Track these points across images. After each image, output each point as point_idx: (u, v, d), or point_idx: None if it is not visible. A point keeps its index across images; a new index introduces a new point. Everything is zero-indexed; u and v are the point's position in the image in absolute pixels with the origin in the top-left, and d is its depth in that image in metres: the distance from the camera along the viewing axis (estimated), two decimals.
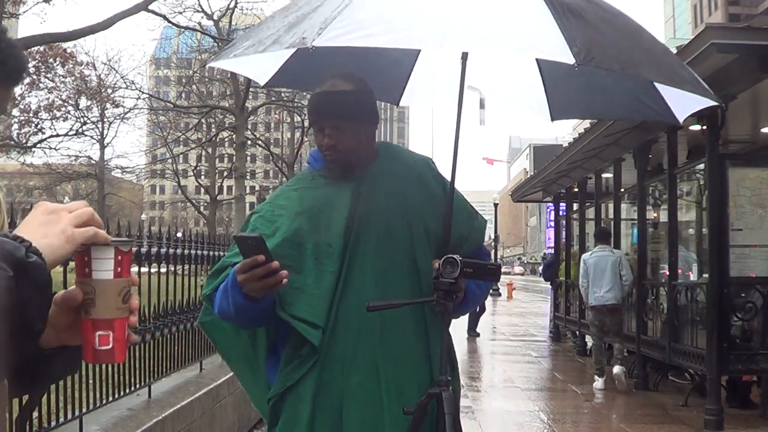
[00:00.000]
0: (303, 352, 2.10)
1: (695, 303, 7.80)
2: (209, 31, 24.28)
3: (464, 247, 2.22)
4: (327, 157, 2.19)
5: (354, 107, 2.17)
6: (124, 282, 1.11)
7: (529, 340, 15.19)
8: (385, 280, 2.13)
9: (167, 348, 5.17)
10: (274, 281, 1.93)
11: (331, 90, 2.16)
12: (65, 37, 16.61)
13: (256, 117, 35.38)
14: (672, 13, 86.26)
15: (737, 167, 7.62)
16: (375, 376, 2.10)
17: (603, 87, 2.62)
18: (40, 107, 26.93)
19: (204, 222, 42.39)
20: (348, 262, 2.12)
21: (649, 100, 2.51)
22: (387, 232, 2.16)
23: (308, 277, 2.10)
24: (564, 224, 15.93)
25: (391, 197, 2.19)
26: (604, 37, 2.09)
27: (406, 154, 2.35)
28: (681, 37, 59.45)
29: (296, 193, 2.23)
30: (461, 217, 2.25)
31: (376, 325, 2.11)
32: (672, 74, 2.28)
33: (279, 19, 2.23)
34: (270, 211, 2.21)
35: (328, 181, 2.22)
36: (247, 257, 1.92)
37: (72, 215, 1.08)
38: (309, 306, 2.08)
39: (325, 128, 2.15)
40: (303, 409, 2.09)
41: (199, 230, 14.55)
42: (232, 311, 2.04)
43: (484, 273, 2.11)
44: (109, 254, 1.09)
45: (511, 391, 9.09)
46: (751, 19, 9.58)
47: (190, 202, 40.53)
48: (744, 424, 7.10)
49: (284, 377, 2.12)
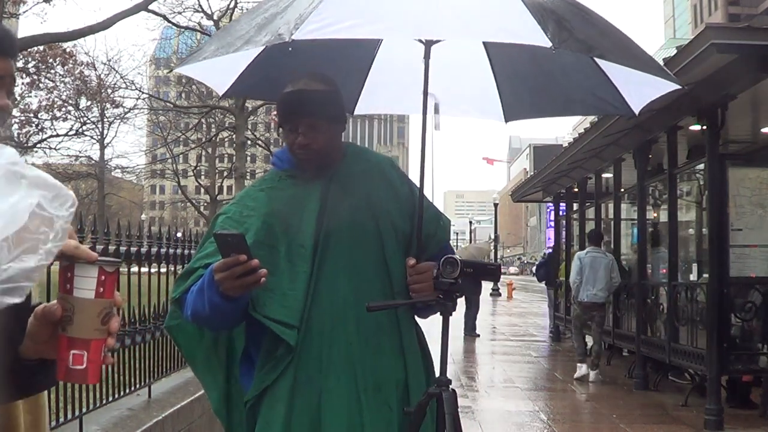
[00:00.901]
0: (278, 353, 2.10)
1: (695, 303, 7.80)
2: (209, 31, 24.27)
3: (431, 244, 2.24)
4: (300, 156, 2.17)
5: (327, 107, 2.17)
6: (106, 303, 1.08)
7: (529, 340, 15.19)
8: (357, 278, 2.13)
9: (167, 348, 5.17)
10: (253, 279, 1.90)
11: (304, 89, 2.15)
12: (65, 37, 16.63)
13: (256, 117, 35.37)
14: (672, 13, 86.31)
15: (737, 167, 7.63)
16: (352, 373, 2.09)
17: (557, 85, 2.63)
18: (40, 107, 26.98)
19: (204, 222, 42.40)
20: (319, 261, 2.12)
21: (605, 94, 2.52)
22: (357, 231, 2.16)
23: (282, 278, 2.09)
24: (564, 224, 15.93)
25: (359, 196, 2.20)
26: (571, 23, 2.10)
27: (371, 154, 2.37)
28: (681, 37, 59.47)
29: (264, 193, 2.21)
30: (428, 215, 2.27)
31: (351, 322, 2.11)
32: (637, 59, 2.29)
33: (245, 22, 2.22)
34: (238, 212, 2.18)
35: (296, 181, 2.21)
36: (225, 255, 1.89)
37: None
38: (283, 307, 2.07)
39: (299, 127, 2.14)
40: (279, 410, 2.07)
41: (199, 230, 14.56)
42: (207, 311, 2.00)
43: (484, 273, 2.12)
44: (91, 273, 1.07)
45: (511, 391, 9.09)
46: (751, 19, 9.60)
47: (190, 202, 40.52)
48: (744, 424, 7.10)
49: (260, 379, 2.12)
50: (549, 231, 44.58)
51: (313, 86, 2.15)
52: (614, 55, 2.23)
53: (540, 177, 15.25)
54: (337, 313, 2.08)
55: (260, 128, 41.62)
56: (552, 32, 1.97)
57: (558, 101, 2.78)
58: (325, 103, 2.16)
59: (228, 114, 28.67)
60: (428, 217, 2.26)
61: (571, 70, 2.54)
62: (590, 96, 2.63)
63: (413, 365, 2.18)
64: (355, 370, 2.09)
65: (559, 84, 2.62)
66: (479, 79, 2.67)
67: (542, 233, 77.24)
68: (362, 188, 2.22)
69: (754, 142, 9.55)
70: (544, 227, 70.84)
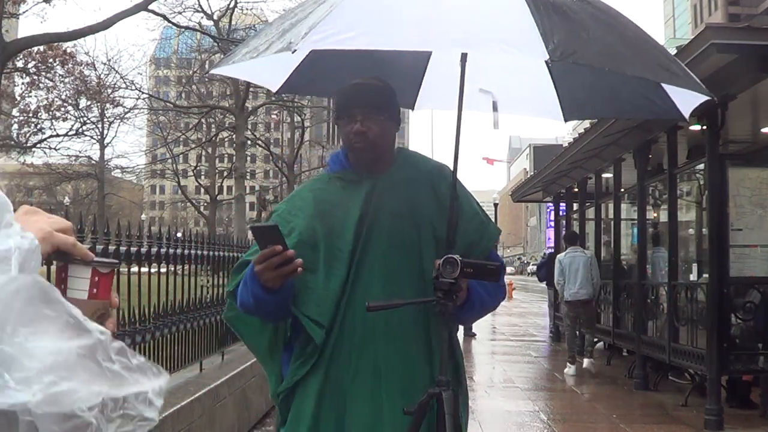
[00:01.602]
0: (308, 349, 2.18)
1: (695, 303, 7.80)
2: (209, 31, 24.27)
3: (474, 253, 2.25)
4: (356, 145, 2.23)
5: (384, 101, 2.25)
6: (99, 304, 1.06)
7: (529, 340, 15.19)
8: (391, 285, 2.17)
9: (167, 348, 5.17)
10: (289, 269, 1.98)
11: (363, 83, 2.25)
12: (65, 37, 16.63)
13: (256, 117, 35.43)
14: (672, 13, 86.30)
15: (737, 167, 7.62)
16: (377, 376, 2.15)
17: (611, 86, 2.63)
18: (40, 107, 26.93)
19: (204, 222, 42.41)
20: (357, 265, 2.18)
21: (656, 97, 2.52)
22: (396, 238, 2.21)
23: (319, 277, 2.16)
24: (564, 224, 15.92)
25: (403, 203, 2.24)
26: (590, 33, 2.09)
27: (422, 162, 2.39)
28: (681, 37, 59.45)
29: (312, 194, 2.30)
30: (473, 224, 2.30)
31: (380, 327, 2.16)
32: (661, 70, 2.28)
33: (276, 25, 2.31)
34: (287, 210, 2.28)
35: (343, 184, 2.28)
36: (262, 247, 1.98)
37: (52, 219, 1.06)
38: (316, 305, 2.15)
39: (357, 115, 2.21)
40: (308, 405, 2.16)
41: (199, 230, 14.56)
42: (252, 303, 2.11)
43: (484, 273, 2.11)
44: (84, 273, 1.05)
45: (511, 391, 9.09)
46: (751, 19, 9.60)
47: (190, 202, 40.55)
48: (744, 424, 7.11)
49: (292, 373, 2.21)
50: (549, 231, 44.56)
51: (370, 81, 2.25)
52: (634, 69, 2.21)
53: (540, 177, 15.25)
54: (369, 317, 2.12)
55: (260, 128, 41.67)
56: (556, 44, 1.96)
57: (609, 101, 2.79)
58: (381, 97, 2.25)
59: (228, 114, 28.69)
60: (472, 227, 2.29)
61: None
62: (640, 97, 2.62)
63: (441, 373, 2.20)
64: (381, 374, 2.15)
65: (611, 84, 2.62)
66: (536, 78, 2.66)
67: (542, 233, 77.19)
68: (407, 195, 2.26)
69: (754, 142, 9.55)
70: (544, 227, 70.78)
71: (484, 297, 2.25)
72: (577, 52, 2.02)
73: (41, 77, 25.36)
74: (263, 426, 6.84)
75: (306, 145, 39.51)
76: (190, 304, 5.63)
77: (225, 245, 6.81)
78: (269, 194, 42.46)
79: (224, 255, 6.60)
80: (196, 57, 30.64)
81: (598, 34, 2.12)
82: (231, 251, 6.88)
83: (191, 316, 5.59)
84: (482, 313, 2.36)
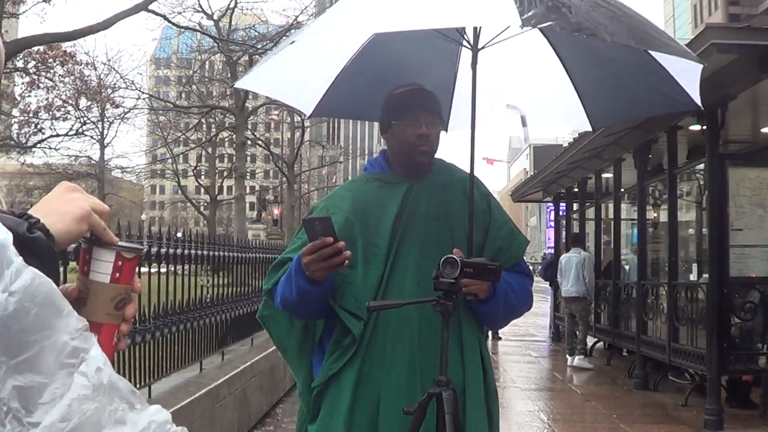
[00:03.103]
0: (345, 342, 2.24)
1: (695, 303, 7.80)
2: (209, 31, 24.26)
3: (501, 260, 2.29)
4: (422, 148, 2.30)
5: (441, 110, 2.40)
6: (121, 289, 1.06)
7: (529, 340, 15.19)
8: (424, 283, 2.21)
9: (167, 348, 5.17)
10: (339, 260, 2.05)
11: (421, 88, 2.35)
12: (65, 37, 16.60)
13: (256, 117, 35.38)
14: (672, 13, 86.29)
15: (737, 167, 7.62)
16: (412, 371, 2.20)
17: (626, 86, 2.67)
18: (40, 107, 26.91)
19: (204, 222, 42.41)
20: (392, 262, 2.25)
21: (671, 91, 2.54)
22: (430, 238, 2.28)
23: (358, 272, 2.24)
24: (564, 224, 15.92)
25: (438, 206, 2.34)
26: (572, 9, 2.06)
27: (456, 171, 2.48)
28: (681, 37, 59.36)
29: (351, 193, 2.39)
30: (503, 232, 2.38)
31: (413, 324, 2.22)
32: (647, 37, 2.24)
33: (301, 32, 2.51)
34: (326, 207, 2.36)
35: (381, 185, 2.37)
36: (313, 239, 2.04)
37: (91, 199, 1.06)
38: (355, 299, 2.22)
39: (421, 118, 2.29)
40: (343, 398, 2.21)
41: (199, 230, 14.56)
42: (294, 297, 2.16)
43: (484, 273, 2.12)
44: (108, 257, 1.05)
45: (511, 391, 9.09)
46: (751, 19, 9.59)
47: (190, 202, 40.54)
48: (744, 424, 7.11)
49: (327, 367, 2.26)
50: (549, 231, 44.56)
51: (427, 89, 2.37)
52: (619, 36, 2.16)
53: (540, 177, 15.24)
54: (403, 313, 2.19)
55: (260, 128, 41.63)
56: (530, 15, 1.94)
57: (630, 103, 2.82)
58: (438, 105, 2.39)
59: (228, 114, 28.67)
60: (502, 234, 2.37)
61: (635, 70, 2.56)
62: (657, 94, 2.65)
63: (472, 369, 2.26)
64: (414, 368, 2.20)
65: (628, 85, 2.66)
66: (559, 88, 2.72)
67: (542, 233, 77.13)
68: (442, 200, 2.34)
69: (754, 142, 9.55)
70: (544, 227, 70.74)
71: (510, 295, 2.28)
72: (558, 21, 2.01)
73: (41, 77, 25.33)
74: (263, 426, 6.84)
75: (306, 145, 39.51)
76: (190, 304, 5.63)
77: (225, 245, 6.81)
78: (269, 194, 42.48)
79: (224, 255, 6.60)
80: (196, 57, 30.64)
81: (583, 8, 2.10)
82: (231, 251, 6.88)
83: (191, 316, 5.59)
84: (507, 311, 2.35)
